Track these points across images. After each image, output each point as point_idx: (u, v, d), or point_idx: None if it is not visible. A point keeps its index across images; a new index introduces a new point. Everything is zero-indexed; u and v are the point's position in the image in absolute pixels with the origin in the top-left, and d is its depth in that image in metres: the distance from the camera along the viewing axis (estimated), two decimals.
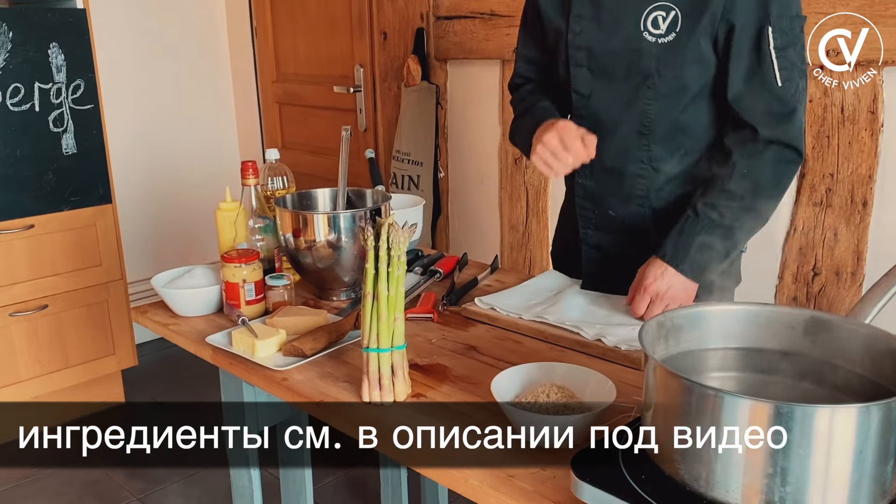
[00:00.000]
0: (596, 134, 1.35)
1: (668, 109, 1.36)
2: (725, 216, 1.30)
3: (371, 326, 1.12)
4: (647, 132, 1.39)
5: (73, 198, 2.69)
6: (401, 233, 1.11)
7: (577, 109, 1.44)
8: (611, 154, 1.42)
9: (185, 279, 1.54)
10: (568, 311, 1.42)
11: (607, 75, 1.38)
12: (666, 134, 1.38)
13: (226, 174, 3.72)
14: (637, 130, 1.39)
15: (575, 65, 1.41)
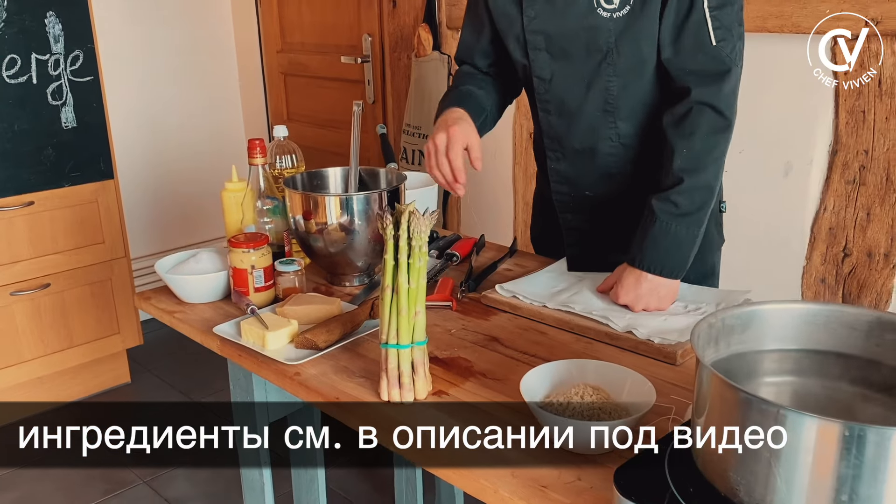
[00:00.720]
0: (562, 117, 1.38)
1: (630, 85, 1.33)
2: (681, 204, 1.26)
3: (390, 321, 1.05)
4: (612, 109, 1.36)
5: (73, 173, 2.61)
6: (422, 221, 1.03)
7: (540, 94, 1.41)
8: (579, 135, 1.40)
9: (191, 264, 1.47)
10: (595, 299, 1.34)
11: (567, 57, 1.35)
12: (631, 110, 1.35)
13: (230, 148, 3.63)
14: (602, 109, 1.36)
15: (533, 49, 1.37)
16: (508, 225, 2.73)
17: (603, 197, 1.42)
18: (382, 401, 1.08)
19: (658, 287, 1.28)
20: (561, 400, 0.98)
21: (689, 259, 1.28)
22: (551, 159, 1.44)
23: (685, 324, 1.25)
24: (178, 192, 3.48)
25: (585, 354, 1.21)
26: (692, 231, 1.27)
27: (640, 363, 1.18)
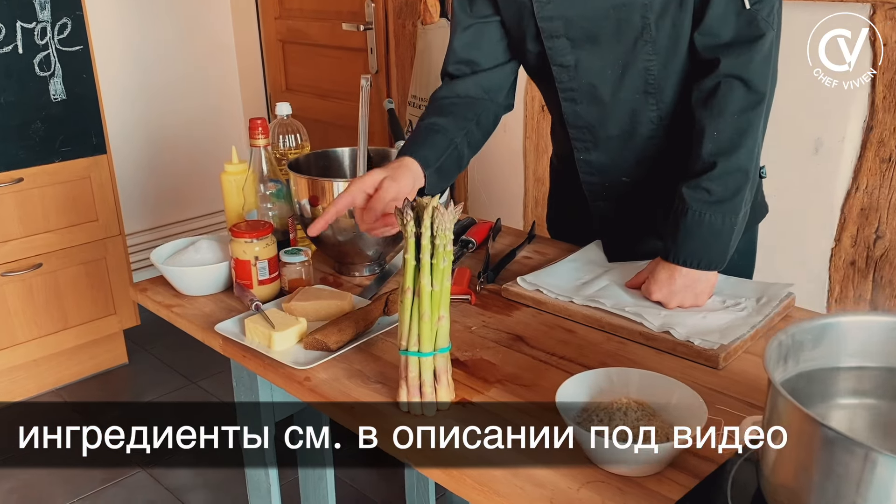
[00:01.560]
0: (593, 105, 1.27)
1: (671, 61, 1.21)
2: (714, 190, 1.15)
3: (411, 327, 0.95)
4: (653, 91, 1.24)
5: (64, 148, 2.49)
6: (447, 216, 0.93)
7: (563, 83, 1.28)
8: (615, 122, 1.28)
9: (190, 254, 1.36)
10: (625, 294, 1.25)
11: (593, 40, 1.23)
12: (674, 88, 1.24)
13: (226, 119, 3.51)
14: (643, 91, 1.25)
15: (550, 36, 1.24)
16: (518, 202, 2.62)
17: (642, 181, 1.32)
18: (402, 411, 0.99)
19: (695, 282, 1.19)
20: (602, 416, 0.88)
21: (728, 250, 1.18)
22: (579, 150, 1.33)
23: (725, 322, 1.16)
24: (173, 165, 3.36)
25: (619, 356, 1.12)
26: (729, 219, 1.16)
27: (678, 367, 1.09)
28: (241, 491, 2.14)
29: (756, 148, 1.16)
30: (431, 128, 1.28)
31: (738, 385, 1.04)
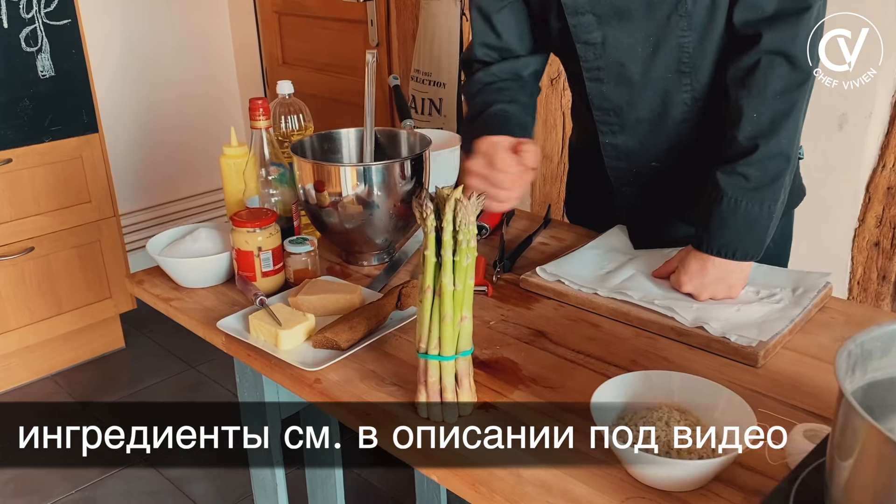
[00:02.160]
0: (621, 85, 1.18)
1: (707, 37, 1.12)
2: (751, 176, 1.07)
3: (431, 328, 0.88)
4: (687, 70, 1.15)
5: (53, 127, 2.40)
6: (470, 209, 0.85)
7: (589, 61, 1.19)
8: (646, 103, 1.20)
9: (188, 243, 1.28)
10: (652, 285, 1.17)
11: (622, 16, 1.14)
12: (709, 66, 1.15)
13: (221, 95, 3.40)
14: (676, 70, 1.16)
15: (574, 13, 1.15)
16: None
17: (672, 166, 1.24)
18: (421, 416, 0.92)
19: (728, 273, 1.11)
20: (640, 424, 0.81)
21: (765, 239, 1.11)
22: (605, 133, 1.24)
23: (761, 315, 1.09)
24: (167, 143, 3.26)
25: (650, 354, 1.04)
26: (767, 207, 1.09)
27: (713, 364, 1.02)
28: (245, 479, 2.09)
29: (798, 131, 1.08)
30: (503, 115, 1.18)
31: (778, 385, 0.97)
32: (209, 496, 2.06)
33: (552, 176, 2.46)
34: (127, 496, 2.07)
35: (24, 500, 2.06)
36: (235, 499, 2.05)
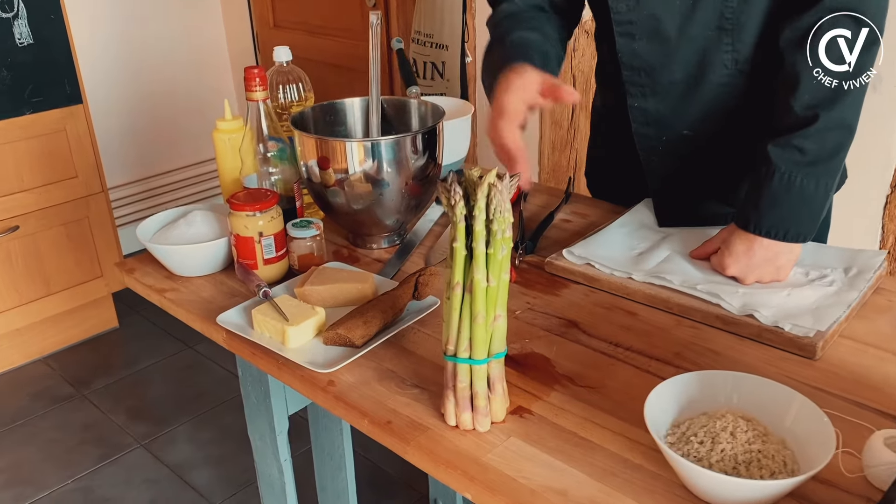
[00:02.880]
0: (654, 42, 1.08)
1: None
2: (808, 150, 0.96)
3: (461, 329, 0.78)
4: (729, 27, 1.05)
5: (35, 98, 2.26)
6: (506, 195, 0.74)
7: (620, 14, 1.09)
8: (681, 64, 1.09)
9: (182, 228, 1.18)
10: (691, 268, 1.08)
11: None
12: (754, 26, 1.04)
13: (210, 60, 3.26)
14: (716, 27, 1.05)
15: None
16: (533, 146, 2.43)
17: (706, 135, 1.13)
18: (449, 425, 0.82)
19: (777, 254, 1.02)
20: (703, 437, 0.72)
21: (819, 219, 1.01)
22: (634, 96, 1.14)
23: (814, 300, 0.99)
24: (155, 112, 3.13)
25: (695, 346, 0.95)
26: (824, 183, 0.98)
27: (766, 357, 0.93)
28: (249, 464, 2.01)
29: (862, 99, 0.97)
30: (523, 42, 1.10)
31: (840, 380, 0.88)
32: (212, 484, 1.98)
33: (561, 143, 2.35)
34: (125, 485, 1.99)
35: (17, 492, 1.97)
36: (240, 485, 1.97)
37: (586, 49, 2.17)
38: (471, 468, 0.76)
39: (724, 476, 0.67)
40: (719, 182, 1.18)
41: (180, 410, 2.26)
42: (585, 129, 2.29)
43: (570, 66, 2.23)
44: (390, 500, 1.91)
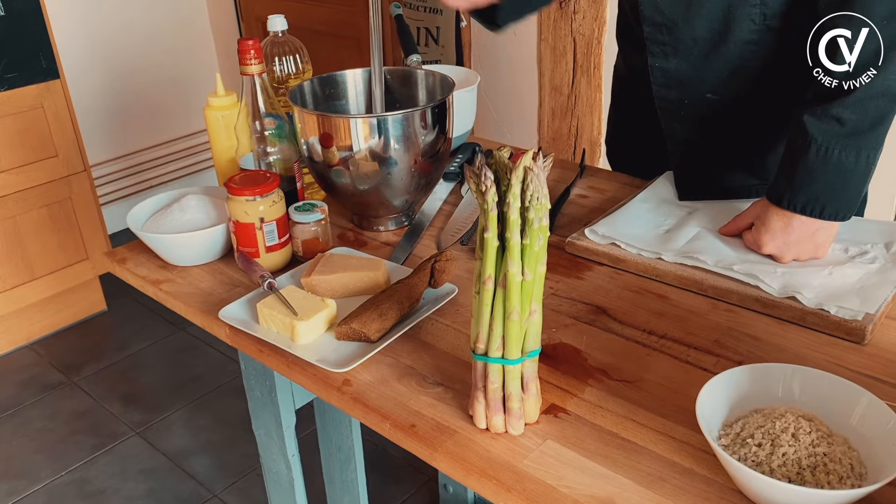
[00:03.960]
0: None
1: None
2: (847, 120, 0.90)
3: (493, 326, 0.71)
4: None
5: (8, 74, 2.15)
6: (542, 178, 0.67)
7: None
8: (705, 20, 1.01)
9: (175, 214, 1.10)
10: (724, 246, 1.01)
11: None
12: None
13: (189, 26, 3.13)
14: None
15: None
16: (532, 113, 2.35)
17: (731, 99, 1.06)
18: (479, 428, 0.76)
19: (816, 231, 0.95)
20: (761, 439, 0.66)
21: (860, 194, 0.94)
22: (655, 55, 1.06)
23: (857, 278, 0.93)
24: (135, 84, 3.01)
25: (734, 331, 0.89)
26: (865, 156, 0.92)
27: (809, 342, 0.87)
28: (251, 450, 1.95)
29: None
30: None
31: (892, 365, 0.82)
32: (211, 471, 1.93)
33: (561, 110, 2.27)
34: (122, 475, 1.92)
35: (10, 486, 1.91)
36: (241, 471, 1.92)
37: (587, 12, 2.08)
38: (507, 477, 0.70)
39: (792, 485, 0.61)
40: (745, 151, 1.11)
41: (175, 396, 2.19)
42: (587, 96, 2.21)
43: (571, 28, 2.14)
44: (397, 484, 1.86)
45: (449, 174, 1.30)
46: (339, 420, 1.28)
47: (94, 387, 2.25)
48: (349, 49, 2.62)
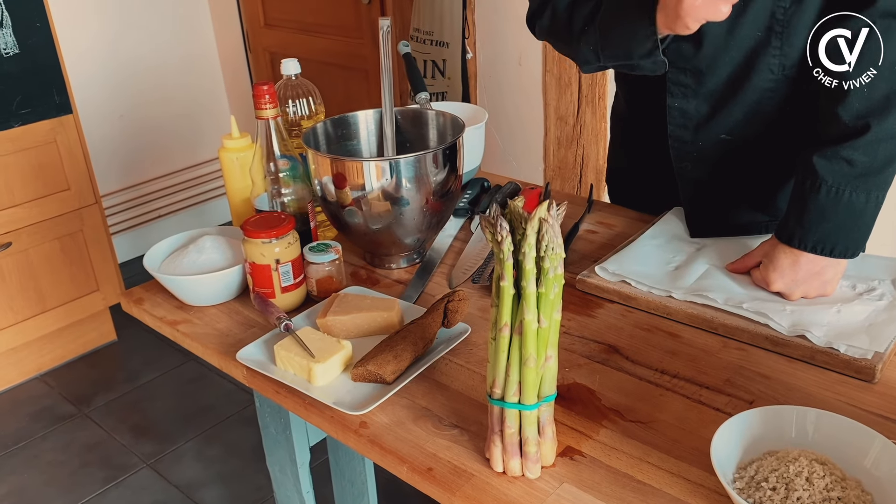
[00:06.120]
0: (704, 44, 1.00)
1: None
2: (857, 162, 0.92)
3: (509, 373, 0.72)
4: (779, 29, 1.00)
5: (23, 110, 2.18)
6: (556, 229, 0.69)
7: None
8: (727, 65, 1.04)
9: (192, 255, 1.11)
10: (734, 284, 1.03)
11: None
12: (804, 28, 0.98)
13: (199, 62, 3.18)
14: (766, 27, 1.00)
15: None
16: (538, 143, 2.37)
17: (744, 141, 1.08)
18: (496, 472, 0.77)
19: (824, 269, 0.97)
20: (776, 483, 0.67)
21: (868, 233, 0.96)
22: (675, 95, 1.08)
23: (865, 316, 0.95)
24: (145, 116, 3.04)
25: (745, 370, 0.90)
26: (874, 197, 0.93)
27: (820, 381, 0.88)
28: (262, 481, 1.96)
29: None
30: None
31: None
32: (223, 503, 1.93)
33: (567, 139, 2.29)
34: None
35: None
36: (252, 503, 1.92)
37: None
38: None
39: None
40: (755, 190, 1.13)
41: (186, 426, 2.20)
42: (592, 125, 2.23)
43: None
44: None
45: (458, 210, 1.32)
46: (352, 454, 1.29)
47: (105, 418, 2.26)
48: (358, 80, 2.66)
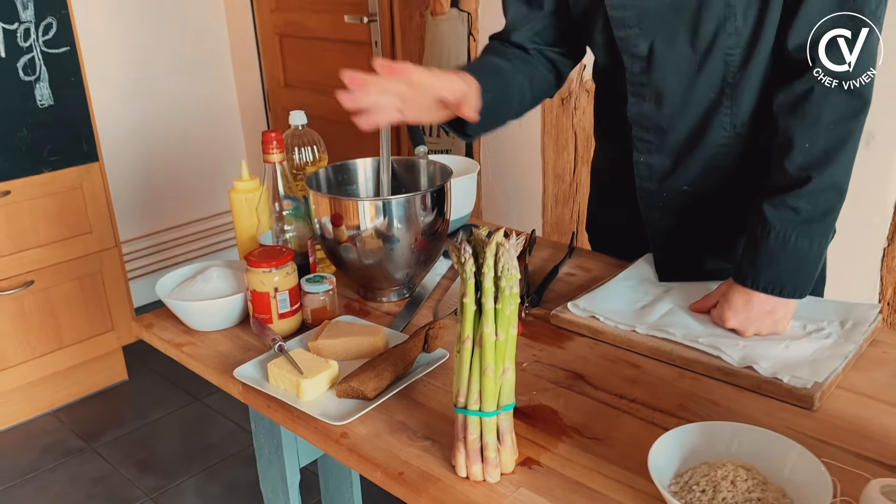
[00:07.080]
0: (664, 104, 1.13)
1: (754, 57, 1.06)
2: (802, 209, 1.01)
3: (471, 382, 0.81)
4: (730, 91, 1.10)
5: (53, 157, 2.34)
6: (513, 253, 0.79)
7: (634, 75, 1.14)
8: (686, 124, 1.14)
9: (199, 284, 1.22)
10: (693, 321, 1.11)
11: (669, 29, 1.08)
12: (751, 90, 1.09)
13: (222, 118, 3.35)
14: (718, 89, 1.10)
15: (621, 27, 1.11)
16: (537, 200, 2.48)
17: (705, 193, 1.18)
18: (460, 476, 0.85)
19: (774, 308, 1.05)
20: (704, 486, 0.75)
21: (814, 275, 1.05)
22: (640, 151, 1.19)
23: (811, 352, 1.03)
24: (168, 167, 3.20)
25: (698, 397, 0.98)
26: (818, 242, 1.03)
27: (765, 407, 0.96)
28: None
29: (852, 162, 1.02)
30: (491, 65, 1.20)
31: (839, 431, 0.91)
32: None
33: (564, 196, 2.41)
34: None
35: None
36: None
37: (587, 108, 2.24)
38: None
39: None
40: (717, 238, 1.22)
41: (189, 463, 2.27)
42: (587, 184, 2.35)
43: (572, 122, 2.30)
44: None
45: (448, 252, 1.42)
46: (341, 480, 1.36)
47: (112, 453, 2.34)
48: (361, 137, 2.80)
